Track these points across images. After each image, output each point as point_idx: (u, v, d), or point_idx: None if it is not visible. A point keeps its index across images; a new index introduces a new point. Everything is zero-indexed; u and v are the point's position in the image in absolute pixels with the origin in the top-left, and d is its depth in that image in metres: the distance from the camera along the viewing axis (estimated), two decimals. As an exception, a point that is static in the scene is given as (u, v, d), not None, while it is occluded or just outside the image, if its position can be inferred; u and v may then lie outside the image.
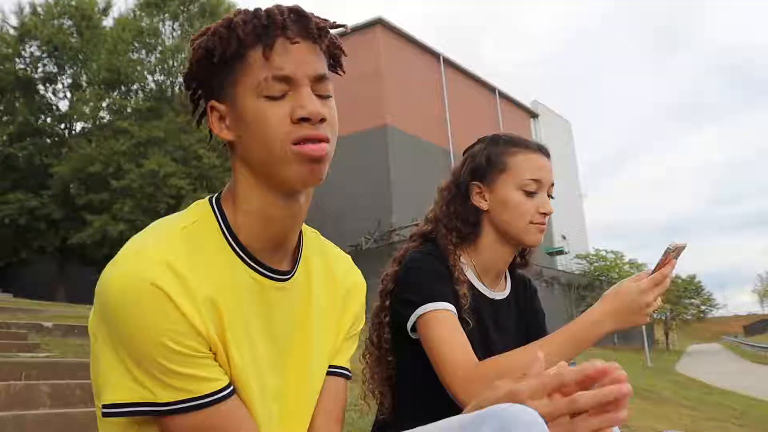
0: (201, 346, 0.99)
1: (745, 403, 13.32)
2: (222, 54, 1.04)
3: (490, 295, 1.77)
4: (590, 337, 1.48)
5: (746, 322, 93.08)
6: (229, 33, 1.04)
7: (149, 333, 0.95)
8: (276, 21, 1.03)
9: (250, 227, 1.09)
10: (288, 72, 1.02)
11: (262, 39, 1.03)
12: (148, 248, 0.99)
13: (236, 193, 1.10)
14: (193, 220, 1.08)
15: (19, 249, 24.59)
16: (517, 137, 1.78)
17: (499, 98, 35.78)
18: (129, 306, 0.95)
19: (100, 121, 24.67)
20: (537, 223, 1.69)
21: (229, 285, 1.05)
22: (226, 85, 1.06)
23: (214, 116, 1.09)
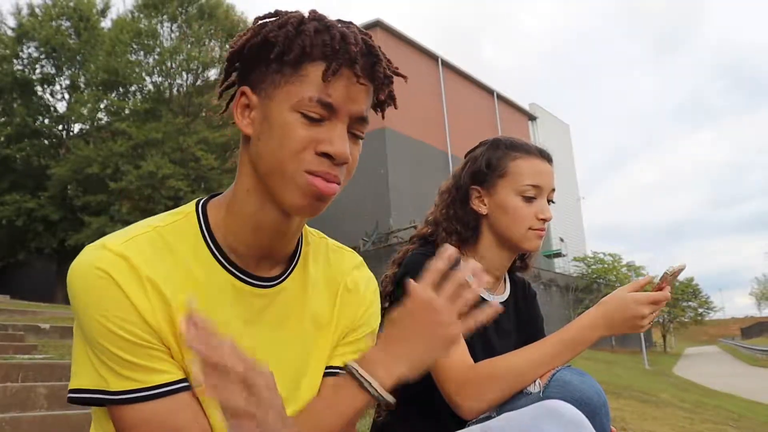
0: (150, 337, 0.98)
1: (743, 405, 13.32)
2: (280, 53, 1.00)
3: (490, 298, 1.77)
4: (584, 340, 1.48)
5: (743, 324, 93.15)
6: (297, 37, 1.00)
7: (98, 318, 0.96)
8: (350, 51, 1.00)
9: (238, 231, 1.08)
10: (335, 103, 1.00)
11: (327, 59, 0.99)
12: (109, 241, 1.00)
13: (234, 193, 1.09)
14: (171, 220, 1.08)
15: (16, 250, 24.57)
16: (519, 141, 1.77)
17: (498, 101, 35.80)
18: (82, 292, 0.97)
19: (98, 122, 24.66)
20: (536, 229, 1.69)
21: (199, 286, 1.04)
22: (267, 81, 1.02)
23: (241, 102, 1.05)
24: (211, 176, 22.11)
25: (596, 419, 1.30)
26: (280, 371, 1.09)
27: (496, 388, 1.44)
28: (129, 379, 0.97)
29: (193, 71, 23.72)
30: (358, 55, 1.00)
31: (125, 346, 0.96)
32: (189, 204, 1.13)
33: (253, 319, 1.10)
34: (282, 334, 1.13)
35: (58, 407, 4.00)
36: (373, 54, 1.03)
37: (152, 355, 0.98)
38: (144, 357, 0.97)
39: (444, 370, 1.50)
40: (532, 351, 1.48)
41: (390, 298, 1.70)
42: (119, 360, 0.96)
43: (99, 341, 0.96)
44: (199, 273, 1.05)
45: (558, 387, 1.36)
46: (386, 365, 1.05)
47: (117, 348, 0.96)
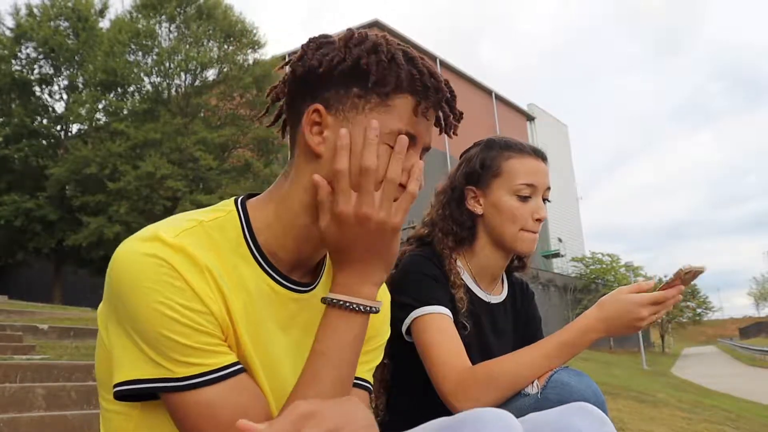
0: (210, 323, 0.98)
1: (741, 406, 13.34)
2: (375, 83, 1.02)
3: (487, 298, 1.77)
4: (582, 342, 1.47)
5: (742, 324, 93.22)
6: (390, 66, 1.03)
7: (157, 307, 0.94)
8: (440, 89, 1.06)
9: (284, 239, 1.09)
10: (419, 136, 1.05)
11: (418, 94, 1.04)
12: (161, 233, 0.99)
13: (286, 203, 1.09)
14: (214, 216, 1.08)
15: (14, 251, 24.55)
16: (513, 141, 1.77)
17: (496, 101, 35.84)
18: (137, 282, 0.95)
19: (97, 122, 24.64)
20: (529, 230, 1.69)
21: (243, 285, 1.05)
22: (348, 105, 1.03)
23: (312, 120, 1.05)
24: (210, 176, 22.11)
25: (594, 420, 1.30)
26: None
27: (493, 390, 1.44)
28: (192, 364, 0.96)
29: (192, 71, 23.71)
30: (448, 98, 1.07)
31: (188, 333, 0.96)
32: (227, 201, 1.13)
33: (286, 323, 1.11)
34: (311, 340, 1.14)
35: (56, 408, 4.00)
36: (452, 93, 1.09)
37: (213, 341, 0.98)
38: (206, 342, 0.97)
39: (441, 372, 1.50)
40: (529, 353, 1.48)
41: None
42: (182, 347, 0.96)
43: (159, 331, 0.95)
44: (239, 271, 1.06)
45: (556, 388, 1.36)
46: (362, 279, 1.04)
47: (180, 336, 0.95)
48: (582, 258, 38.28)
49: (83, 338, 7.21)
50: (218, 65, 23.98)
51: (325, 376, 1.00)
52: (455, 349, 1.53)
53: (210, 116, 23.78)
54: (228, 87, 23.54)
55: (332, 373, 1.01)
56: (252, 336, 1.06)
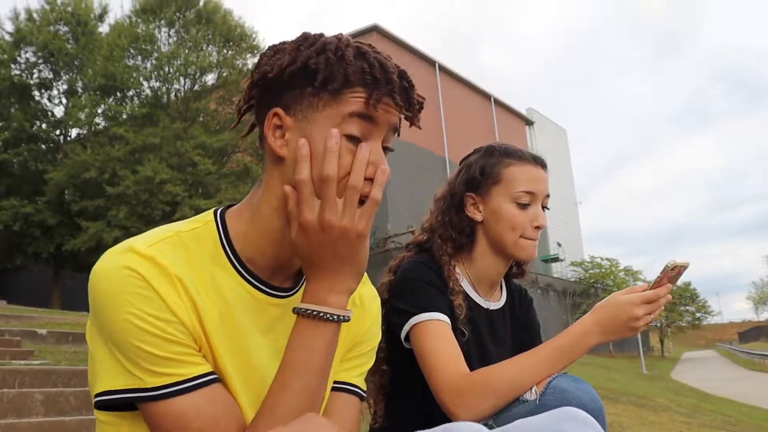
0: (182, 333, 0.99)
1: (740, 410, 13.32)
2: (324, 80, 1.03)
3: (486, 305, 1.77)
4: (579, 348, 1.47)
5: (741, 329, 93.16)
6: (338, 63, 1.04)
7: (128, 318, 0.96)
8: (391, 79, 1.06)
9: (260, 244, 1.10)
10: (376, 117, 1.05)
11: (368, 86, 1.04)
12: (135, 244, 1.01)
13: (259, 208, 1.10)
14: (192, 227, 1.10)
15: (13, 255, 24.51)
16: (513, 148, 1.77)
17: (495, 106, 35.86)
18: (110, 293, 0.97)
19: (96, 127, 24.63)
20: (529, 237, 1.69)
21: (220, 293, 1.06)
22: (305, 104, 1.05)
23: (273, 124, 1.07)
24: (209, 181, 22.10)
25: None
26: None
27: (492, 397, 1.43)
28: (164, 374, 0.98)
29: (191, 76, 23.73)
30: (397, 84, 1.06)
31: (159, 343, 0.97)
32: (206, 213, 1.15)
33: (268, 328, 1.11)
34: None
35: (55, 413, 3.99)
36: (407, 81, 1.10)
37: (184, 351, 1.00)
38: (177, 352, 0.99)
39: (439, 379, 1.50)
40: (527, 359, 1.47)
41: (385, 306, 1.70)
42: (153, 357, 0.97)
43: (130, 341, 0.96)
44: (218, 280, 1.07)
45: (554, 394, 1.36)
46: (330, 287, 1.03)
47: (150, 346, 0.97)
48: (581, 262, 38.25)
49: (82, 343, 7.19)
50: (217, 70, 23.99)
51: (294, 386, 1.00)
52: (453, 356, 1.52)
53: (209, 121, 23.78)
54: (227, 91, 23.54)
55: (301, 382, 1.00)
56: (231, 344, 1.06)
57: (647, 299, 1.45)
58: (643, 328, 1.50)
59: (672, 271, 1.46)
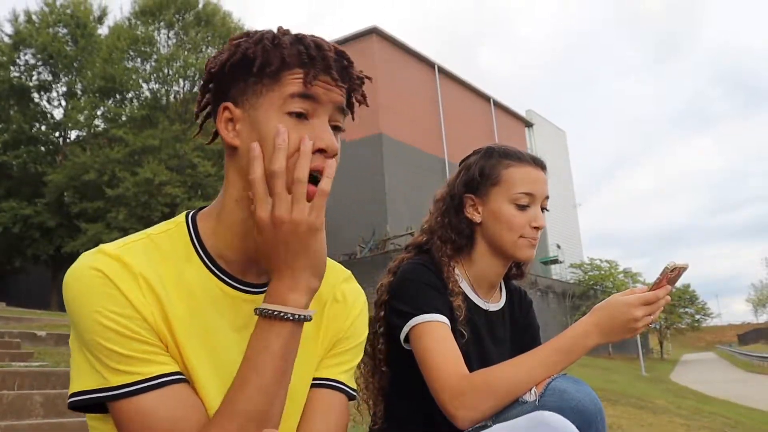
0: (145, 331, 1.01)
1: (739, 412, 13.32)
2: (262, 65, 1.06)
3: (485, 306, 1.77)
4: (578, 349, 1.47)
5: (740, 331, 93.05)
6: (274, 49, 1.07)
7: (93, 316, 0.99)
8: (326, 57, 1.08)
9: (228, 238, 1.11)
10: (316, 94, 1.06)
11: (305, 66, 1.06)
12: (104, 246, 1.05)
13: (222, 203, 1.12)
14: (164, 228, 1.13)
15: (12, 257, 24.51)
16: (512, 150, 1.77)
17: (495, 108, 35.87)
18: (77, 293, 1.00)
19: (95, 129, 24.64)
20: (528, 237, 1.69)
21: (191, 289, 1.08)
22: (249, 93, 1.08)
23: (225, 117, 1.10)
24: (208, 183, 22.11)
25: (592, 428, 1.30)
26: None
27: (491, 398, 1.43)
28: (126, 372, 0.99)
29: (190, 78, 23.75)
30: (333, 60, 1.08)
31: (121, 341, 0.99)
32: (179, 215, 1.17)
33: (243, 325, 1.11)
34: None
35: (54, 415, 3.99)
36: (345, 59, 1.11)
37: (148, 349, 1.01)
38: (140, 350, 1.00)
39: (438, 380, 1.50)
40: (526, 360, 1.47)
41: (385, 307, 1.70)
42: (116, 355, 0.99)
43: (95, 339, 0.99)
44: (190, 278, 1.09)
45: (554, 396, 1.36)
46: (290, 286, 1.03)
47: (113, 343, 0.98)
48: (580, 264, 38.23)
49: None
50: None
51: (251, 384, 1.00)
52: (453, 357, 1.52)
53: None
54: (226, 93, 23.54)
55: (258, 382, 1.00)
56: (202, 341, 1.07)
57: (646, 300, 1.45)
58: (642, 330, 1.50)
59: (671, 273, 1.46)
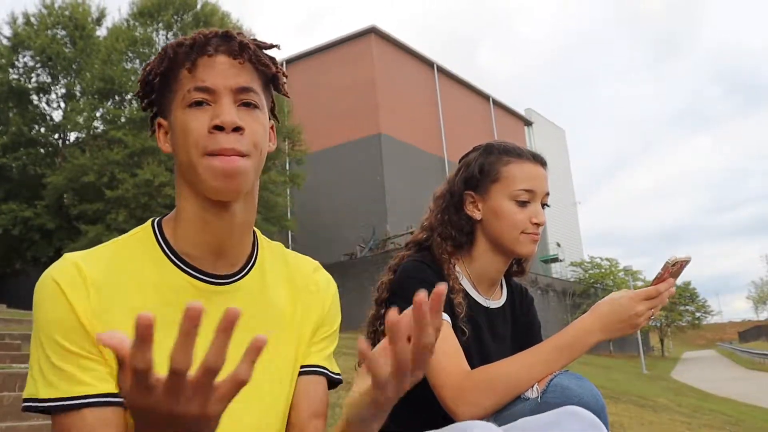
0: (85, 342, 1.02)
1: (741, 409, 13.32)
2: (156, 73, 1.14)
3: (486, 303, 1.76)
4: (580, 345, 1.47)
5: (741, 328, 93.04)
6: (164, 53, 1.13)
7: (41, 323, 1.03)
8: (198, 41, 1.12)
9: (188, 235, 1.14)
10: (209, 83, 1.09)
11: (189, 57, 1.11)
12: (69, 254, 1.10)
13: (177, 204, 1.16)
14: (132, 233, 1.17)
15: (12, 259, 24.50)
16: (512, 146, 1.77)
17: (494, 106, 35.88)
18: (35, 301, 1.05)
19: (94, 130, 24.60)
20: (529, 233, 1.69)
21: (156, 289, 1.10)
22: (166, 102, 1.15)
23: (161, 132, 1.18)
24: (208, 184, 22.08)
25: (595, 424, 1.30)
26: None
27: (492, 395, 1.44)
28: (53, 386, 1.00)
29: (189, 79, 23.72)
30: (210, 41, 1.12)
31: (58, 351, 1.01)
32: (147, 221, 1.21)
33: (214, 317, 1.11)
34: (244, 333, 1.14)
35: (55, 416, 3.98)
36: (225, 36, 1.13)
37: (81, 364, 1.01)
38: (72, 365, 1.01)
39: (440, 377, 1.50)
40: (528, 357, 1.47)
41: (385, 305, 1.70)
42: (50, 366, 1.01)
43: (40, 347, 1.02)
44: (156, 277, 1.11)
45: (556, 392, 1.36)
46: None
47: (51, 352, 1.01)
48: (581, 263, 38.25)
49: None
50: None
51: None
52: (454, 354, 1.52)
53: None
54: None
55: None
56: (169, 336, 1.06)
57: (648, 295, 1.45)
58: (645, 324, 1.50)
59: (673, 267, 1.46)
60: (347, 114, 26.22)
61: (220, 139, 1.06)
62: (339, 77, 27.24)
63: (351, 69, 26.83)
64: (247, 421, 1.15)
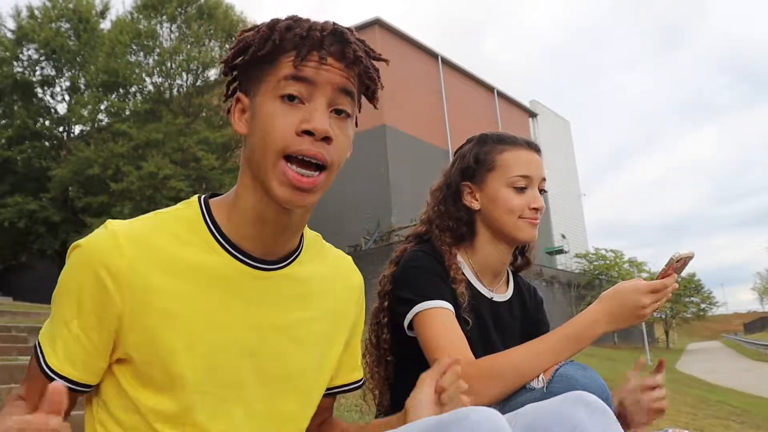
0: (89, 325, 1.07)
1: (746, 401, 13.31)
2: (255, 51, 1.07)
3: (489, 294, 1.76)
4: (586, 336, 1.47)
5: (746, 319, 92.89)
6: (270, 34, 1.07)
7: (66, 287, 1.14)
8: (314, 36, 1.05)
9: (243, 225, 1.11)
10: (309, 75, 1.03)
11: (297, 47, 1.05)
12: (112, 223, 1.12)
13: (236, 191, 1.12)
14: (175, 208, 1.14)
15: (18, 252, 24.58)
16: (505, 135, 1.78)
17: (498, 98, 35.76)
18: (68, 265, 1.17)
19: (99, 123, 24.64)
20: (528, 218, 1.69)
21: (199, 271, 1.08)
22: (254, 81, 1.08)
23: (238, 108, 1.12)
24: (212, 176, 22.09)
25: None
26: (270, 361, 1.14)
27: (498, 384, 1.44)
28: (50, 344, 1.11)
29: (193, 71, 23.68)
30: (325, 38, 1.05)
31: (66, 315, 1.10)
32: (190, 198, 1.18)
33: (253, 303, 1.13)
34: (288, 319, 1.16)
35: (62, 408, 4.01)
36: (343, 37, 1.07)
37: (67, 342, 1.08)
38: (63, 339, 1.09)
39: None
40: (534, 347, 1.47)
41: (389, 297, 1.71)
42: (54, 323, 1.13)
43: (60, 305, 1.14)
44: (199, 259, 1.09)
45: (562, 382, 1.36)
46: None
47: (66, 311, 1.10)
48: (585, 254, 38.15)
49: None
50: (220, 65, 23.90)
51: None
52: (458, 343, 1.53)
53: (212, 116, 23.75)
54: (230, 87, 23.50)
55: None
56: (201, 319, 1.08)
57: (654, 288, 1.46)
58: (650, 315, 1.50)
59: (677, 263, 1.47)
60: (351, 106, 26.20)
61: (306, 144, 1.02)
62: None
63: (355, 61, 26.76)
64: (287, 408, 1.17)
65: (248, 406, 1.11)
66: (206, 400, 1.07)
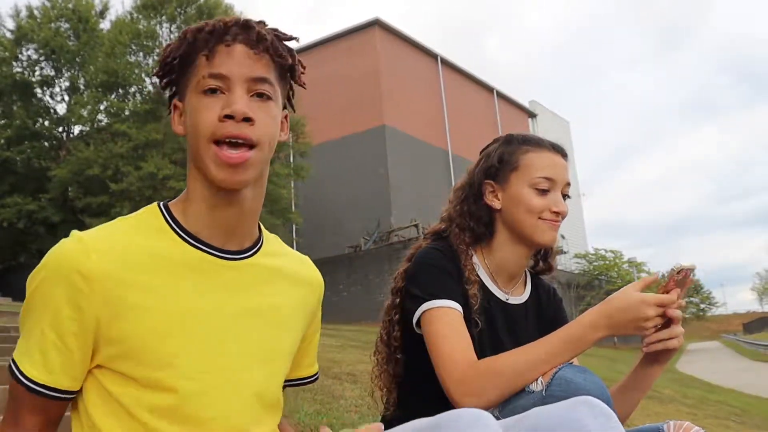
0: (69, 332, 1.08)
1: (745, 401, 13.31)
2: (175, 56, 1.16)
3: (503, 297, 1.75)
4: (586, 340, 1.45)
5: (746, 320, 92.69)
6: (184, 37, 1.16)
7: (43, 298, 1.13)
8: (218, 29, 1.14)
9: (198, 214, 1.17)
10: (224, 71, 1.11)
11: (207, 44, 1.14)
12: (78, 234, 1.13)
13: (188, 186, 1.20)
14: (137, 214, 1.20)
15: (17, 253, 24.58)
16: (531, 136, 1.78)
17: (498, 98, 35.79)
18: (40, 277, 1.14)
19: (98, 124, 24.63)
20: (548, 220, 1.67)
21: (164, 262, 1.13)
22: (183, 86, 1.18)
23: (177, 113, 1.21)
24: (212, 177, 22.10)
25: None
26: (250, 344, 1.18)
27: (496, 386, 1.43)
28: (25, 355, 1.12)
29: (193, 72, 23.69)
30: (229, 29, 1.14)
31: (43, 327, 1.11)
32: (150, 205, 1.24)
33: (225, 290, 1.18)
34: (262, 304, 1.22)
35: (61, 409, 3.99)
36: (247, 25, 1.16)
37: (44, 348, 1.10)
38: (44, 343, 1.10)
39: (445, 366, 1.49)
40: (533, 349, 1.46)
41: (401, 293, 1.70)
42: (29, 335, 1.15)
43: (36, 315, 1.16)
44: (168, 252, 1.14)
45: (561, 385, 1.35)
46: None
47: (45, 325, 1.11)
48: (585, 254, 38.20)
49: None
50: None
51: None
52: (461, 344, 1.51)
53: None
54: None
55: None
56: (175, 307, 1.11)
57: (661, 302, 1.42)
58: (649, 333, 1.46)
59: (678, 275, 1.43)
60: (351, 106, 26.16)
61: (229, 127, 1.09)
62: (343, 69, 27.17)
63: (355, 61, 26.77)
64: (257, 377, 1.19)
65: (237, 391, 1.15)
66: (194, 388, 1.10)
